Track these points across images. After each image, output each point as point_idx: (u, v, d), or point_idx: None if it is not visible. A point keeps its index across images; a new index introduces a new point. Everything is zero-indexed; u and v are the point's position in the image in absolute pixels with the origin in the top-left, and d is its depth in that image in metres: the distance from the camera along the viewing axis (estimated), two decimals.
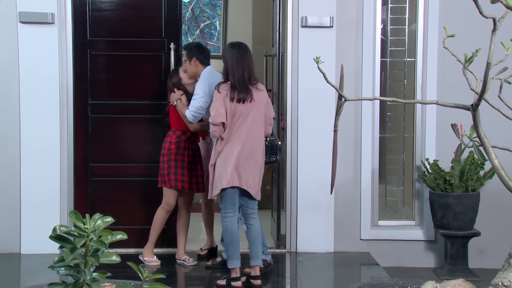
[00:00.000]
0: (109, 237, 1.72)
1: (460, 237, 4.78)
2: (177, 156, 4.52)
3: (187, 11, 7.41)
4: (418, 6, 5.10)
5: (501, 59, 2.07)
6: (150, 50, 5.03)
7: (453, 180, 4.71)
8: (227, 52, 4.11)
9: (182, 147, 4.54)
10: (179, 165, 4.51)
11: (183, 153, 4.53)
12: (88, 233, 1.68)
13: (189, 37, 7.47)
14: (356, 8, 5.07)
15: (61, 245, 1.68)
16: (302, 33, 4.96)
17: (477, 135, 2.06)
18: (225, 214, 4.09)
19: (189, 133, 4.56)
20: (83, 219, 1.71)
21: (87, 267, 1.67)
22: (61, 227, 1.65)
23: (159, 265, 4.64)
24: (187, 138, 4.56)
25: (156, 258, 4.66)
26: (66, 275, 1.68)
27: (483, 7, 1.88)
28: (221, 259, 4.53)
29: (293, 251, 5.06)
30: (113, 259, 1.74)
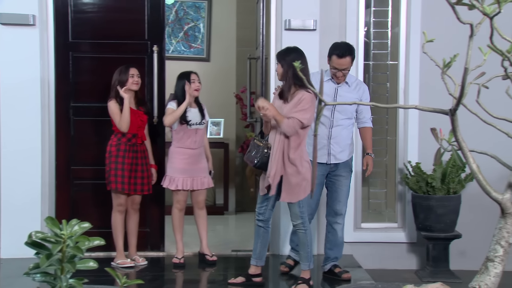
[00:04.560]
0: (86, 243, 1.70)
1: (442, 239, 4.81)
2: (117, 158, 4.55)
3: (170, 13, 7.38)
4: (400, 10, 5.13)
5: (479, 64, 2.09)
6: (133, 53, 5.00)
7: (435, 182, 4.74)
8: (303, 57, 4.00)
9: (123, 149, 4.56)
10: (119, 167, 4.53)
11: (123, 155, 4.55)
12: (64, 239, 1.66)
13: (173, 40, 7.44)
14: (339, 11, 5.09)
15: (37, 251, 1.66)
16: (286, 36, 4.96)
17: (456, 139, 2.07)
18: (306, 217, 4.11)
19: (130, 135, 4.57)
20: (60, 225, 1.69)
21: (63, 273, 1.65)
22: (37, 233, 1.63)
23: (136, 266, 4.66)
24: (127, 140, 4.57)
25: (130, 260, 4.65)
26: (42, 282, 1.67)
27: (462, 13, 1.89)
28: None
29: (275, 253, 5.06)
30: (90, 265, 1.72)
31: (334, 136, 4.30)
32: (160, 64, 5.03)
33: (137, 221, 4.75)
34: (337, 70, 4.23)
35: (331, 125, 4.30)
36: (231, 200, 7.17)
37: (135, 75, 4.60)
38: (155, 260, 4.90)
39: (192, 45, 7.50)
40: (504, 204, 1.99)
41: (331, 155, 4.31)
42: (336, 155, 4.32)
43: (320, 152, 4.24)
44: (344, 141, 4.34)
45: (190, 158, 4.68)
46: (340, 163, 4.35)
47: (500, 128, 2.05)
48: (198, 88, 4.71)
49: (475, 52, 2.04)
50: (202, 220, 4.82)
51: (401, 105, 2.67)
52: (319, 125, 4.23)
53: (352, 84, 4.35)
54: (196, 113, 4.72)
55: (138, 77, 4.62)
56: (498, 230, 2.00)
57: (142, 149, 4.68)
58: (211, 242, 5.03)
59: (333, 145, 4.31)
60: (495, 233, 2.01)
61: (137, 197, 4.70)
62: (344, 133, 4.34)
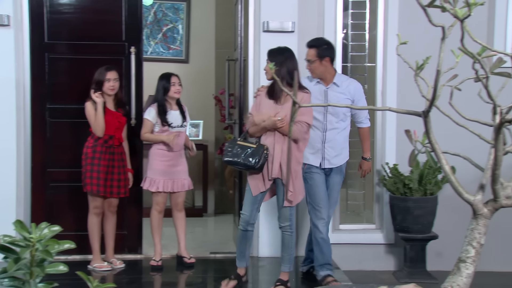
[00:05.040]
0: (56, 246, 1.68)
1: (419, 240, 4.85)
2: (93, 160, 4.51)
3: (149, 14, 7.34)
4: (378, 13, 5.16)
5: (452, 67, 2.10)
6: (110, 54, 4.96)
7: (412, 184, 4.77)
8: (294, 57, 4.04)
9: (99, 151, 4.52)
10: (95, 169, 4.50)
11: (99, 156, 4.52)
12: (33, 243, 1.64)
13: (151, 41, 7.40)
14: (318, 14, 5.10)
15: (5, 255, 1.63)
16: (264, 38, 4.96)
17: (429, 141, 2.08)
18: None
19: (107, 136, 4.54)
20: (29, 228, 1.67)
21: (32, 278, 1.63)
22: (5, 237, 1.60)
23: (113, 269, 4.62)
24: (104, 142, 4.54)
25: (106, 264, 4.62)
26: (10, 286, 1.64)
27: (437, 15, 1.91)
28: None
29: (255, 255, 5.04)
30: (60, 269, 1.70)
31: (329, 140, 4.23)
32: (138, 65, 4.99)
33: (115, 224, 4.72)
34: (306, 61, 4.26)
35: (325, 128, 4.23)
36: (210, 202, 7.15)
37: (111, 79, 4.54)
38: (132, 262, 4.87)
39: (171, 47, 7.47)
40: (476, 205, 2.01)
41: (325, 160, 4.24)
42: (331, 160, 4.25)
43: (314, 156, 4.22)
44: (339, 145, 4.27)
45: (171, 160, 4.66)
46: (334, 168, 4.28)
47: (472, 130, 2.07)
48: (178, 91, 4.69)
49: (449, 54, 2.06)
50: (180, 222, 4.80)
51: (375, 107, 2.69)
52: (313, 129, 4.16)
53: (341, 84, 4.26)
54: (177, 115, 4.70)
55: (115, 82, 4.56)
56: (470, 231, 2.01)
57: (119, 151, 4.63)
58: (189, 245, 5.00)
59: (328, 149, 4.23)
60: (467, 234, 2.03)
61: (114, 200, 4.66)
62: (339, 137, 4.27)
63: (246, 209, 4.05)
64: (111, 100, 4.60)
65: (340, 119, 4.25)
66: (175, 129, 4.64)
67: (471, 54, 1.88)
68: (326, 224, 4.23)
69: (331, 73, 4.26)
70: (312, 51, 4.21)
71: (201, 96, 7.20)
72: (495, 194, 1.99)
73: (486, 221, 2.01)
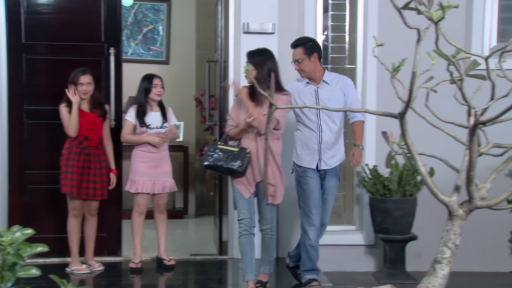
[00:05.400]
0: (28, 250, 1.65)
1: (399, 241, 4.87)
2: (68, 161, 4.49)
3: (129, 15, 7.29)
4: (357, 14, 5.18)
5: (428, 69, 2.11)
6: (89, 55, 4.92)
7: (391, 185, 4.79)
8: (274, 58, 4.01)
9: (74, 151, 4.49)
10: (69, 170, 4.47)
11: (74, 157, 4.49)
12: (5, 246, 1.61)
13: (132, 42, 7.36)
14: (298, 15, 5.11)
15: None
16: (244, 39, 4.95)
17: (405, 142, 2.09)
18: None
19: (82, 137, 4.51)
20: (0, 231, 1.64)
21: (3, 282, 1.60)
22: None
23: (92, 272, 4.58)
24: (78, 143, 4.51)
25: (85, 266, 4.58)
26: None
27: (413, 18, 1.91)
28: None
29: (235, 257, 5.03)
30: (32, 272, 1.67)
31: (325, 141, 4.15)
32: (117, 66, 4.96)
33: (95, 226, 4.67)
34: (294, 63, 4.21)
35: (320, 129, 4.15)
36: (190, 204, 7.13)
37: (84, 84, 4.51)
38: (111, 265, 4.83)
39: (151, 48, 7.43)
40: (451, 206, 2.02)
41: (322, 161, 4.16)
42: (327, 161, 4.17)
43: (310, 157, 4.16)
44: (335, 145, 4.21)
45: (152, 161, 4.64)
46: (329, 170, 4.19)
47: (447, 131, 2.08)
48: (159, 93, 4.67)
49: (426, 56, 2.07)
50: (161, 224, 4.78)
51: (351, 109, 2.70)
52: (308, 130, 4.14)
53: (332, 82, 4.20)
54: (158, 117, 4.68)
55: (88, 86, 4.52)
56: (446, 232, 2.02)
57: (96, 153, 4.59)
58: (170, 247, 4.99)
59: (324, 150, 4.16)
60: (443, 235, 2.04)
61: (93, 203, 4.61)
62: (335, 137, 4.20)
63: (245, 213, 3.95)
64: (85, 102, 4.57)
65: (335, 118, 4.18)
66: (153, 131, 4.62)
67: (446, 56, 1.89)
68: (316, 230, 4.18)
69: (320, 71, 4.20)
70: (299, 50, 4.16)
71: (182, 98, 7.16)
72: (470, 195, 2.00)
73: (462, 222, 2.02)
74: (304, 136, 4.21)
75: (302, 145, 4.21)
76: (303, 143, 4.20)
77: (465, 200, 2.03)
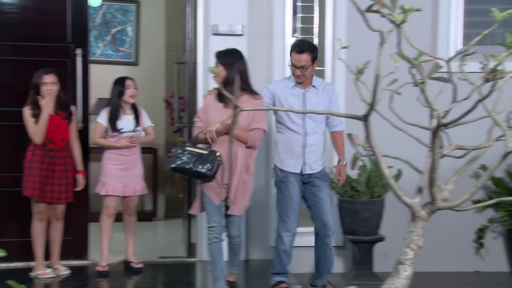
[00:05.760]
0: None
1: (366, 242, 4.91)
2: (31, 163, 4.41)
3: (97, 16, 7.21)
4: (326, 17, 5.21)
5: (392, 71, 2.13)
6: (55, 56, 4.83)
7: (359, 186, 4.82)
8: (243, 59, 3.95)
9: (38, 154, 4.42)
10: (32, 172, 4.39)
11: (37, 160, 4.41)
12: None
13: (100, 43, 7.27)
14: (267, 17, 5.12)
15: None
16: (213, 41, 4.94)
17: (369, 144, 2.10)
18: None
19: (47, 140, 4.43)
20: None
21: None
22: None
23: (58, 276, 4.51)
24: (43, 145, 4.43)
25: (50, 270, 4.50)
26: None
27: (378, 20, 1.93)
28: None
29: (204, 260, 5.01)
30: None
31: (310, 144, 4.07)
32: (84, 68, 4.90)
33: (60, 230, 4.59)
34: (295, 68, 4.02)
35: (306, 133, 4.08)
36: (160, 206, 7.08)
37: (48, 83, 4.42)
38: (78, 269, 4.76)
39: (120, 49, 7.35)
40: (414, 208, 2.04)
41: (306, 165, 4.09)
42: (312, 165, 4.10)
43: (294, 161, 4.09)
44: (319, 149, 4.15)
45: (123, 164, 4.60)
46: (316, 173, 4.13)
47: (411, 133, 2.10)
48: (133, 94, 4.63)
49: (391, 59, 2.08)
50: (130, 227, 4.74)
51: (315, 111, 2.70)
52: (293, 133, 4.06)
53: (319, 87, 4.13)
54: (130, 120, 4.64)
55: (52, 85, 4.43)
56: (408, 233, 2.04)
57: (61, 156, 4.50)
58: (138, 249, 4.94)
59: (309, 154, 4.08)
60: (406, 237, 2.06)
61: (59, 206, 4.53)
62: (320, 141, 4.15)
63: (216, 220, 3.86)
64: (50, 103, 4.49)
65: (320, 123, 4.13)
66: (125, 134, 4.58)
67: (408, 59, 1.91)
68: (292, 236, 4.14)
69: (311, 75, 4.13)
70: (307, 56, 3.98)
71: (151, 99, 7.10)
72: (432, 196, 2.02)
73: (424, 223, 2.05)
74: (287, 139, 4.11)
75: (285, 148, 4.11)
76: (286, 146, 4.11)
77: (428, 201, 2.05)
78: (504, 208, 5.11)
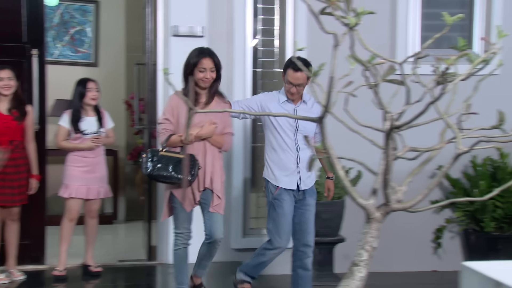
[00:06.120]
0: None
1: (327, 244, 4.93)
2: None
3: (54, 16, 7.07)
4: (287, 19, 5.23)
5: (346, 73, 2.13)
6: (9, 56, 4.73)
7: (320, 188, 4.84)
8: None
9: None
10: None
11: None
12: None
13: (58, 43, 7.14)
14: (227, 19, 5.11)
15: None
16: (173, 42, 4.91)
17: (324, 146, 2.11)
18: None
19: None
20: None
21: None
22: None
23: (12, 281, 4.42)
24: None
25: (4, 276, 4.41)
26: None
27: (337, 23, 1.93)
28: None
29: (164, 262, 4.97)
30: None
31: (303, 160, 3.93)
32: (41, 68, 4.81)
33: (16, 232, 4.48)
34: (291, 86, 3.92)
35: (298, 148, 3.94)
36: (120, 209, 7.00)
37: (5, 78, 4.33)
38: (34, 274, 4.67)
39: (79, 50, 7.23)
40: (369, 209, 2.05)
41: (301, 181, 3.97)
42: (305, 181, 4.00)
43: (289, 178, 3.96)
44: None
45: (86, 166, 4.54)
46: (308, 190, 4.04)
47: (365, 135, 2.11)
48: (94, 97, 4.57)
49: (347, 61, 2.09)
50: (91, 230, 4.69)
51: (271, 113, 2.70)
52: (286, 150, 3.93)
53: (309, 102, 4.03)
54: (93, 121, 4.59)
55: (9, 80, 4.34)
56: (363, 235, 2.05)
57: (12, 157, 4.38)
58: (98, 253, 4.88)
59: (302, 170, 3.94)
60: (360, 238, 2.07)
61: (14, 209, 4.43)
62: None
63: (186, 226, 3.78)
64: (6, 101, 4.37)
65: (310, 136, 3.99)
66: (88, 136, 4.53)
67: (361, 61, 1.92)
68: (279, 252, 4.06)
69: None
70: (302, 74, 3.86)
71: (111, 101, 7.00)
72: (386, 198, 2.04)
73: (379, 225, 2.06)
74: (280, 160, 3.97)
75: (280, 166, 3.98)
76: (280, 163, 3.97)
77: (382, 203, 2.06)
78: (461, 209, 5.21)
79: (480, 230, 5.15)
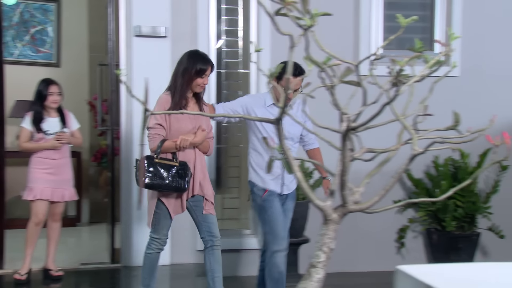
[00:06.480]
0: None
1: (292, 244, 4.89)
2: None
3: (14, 14, 6.92)
4: (250, 19, 5.22)
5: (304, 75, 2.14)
6: None
7: None
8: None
9: None
10: None
11: None
12: None
13: (18, 43, 7.00)
14: (191, 19, 5.07)
15: None
16: (136, 42, 4.87)
17: (281, 148, 2.10)
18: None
19: None
20: None
21: None
22: None
23: None
24: None
25: None
26: None
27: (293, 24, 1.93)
28: None
29: (128, 265, 4.91)
30: None
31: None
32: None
33: None
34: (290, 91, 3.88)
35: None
36: (84, 211, 6.90)
37: None
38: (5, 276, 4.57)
39: (40, 50, 7.10)
40: (326, 211, 2.05)
41: (284, 185, 3.98)
42: (289, 185, 4.02)
43: (275, 182, 3.95)
44: None
45: (51, 168, 4.47)
46: (289, 194, 4.06)
47: (322, 137, 2.11)
48: (55, 101, 4.51)
49: None
50: (54, 233, 4.62)
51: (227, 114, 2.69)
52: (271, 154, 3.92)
53: (294, 106, 3.97)
54: (56, 122, 4.53)
55: None
56: (321, 236, 2.05)
57: None
58: (60, 256, 4.81)
59: (286, 174, 3.94)
60: (318, 240, 2.06)
61: None
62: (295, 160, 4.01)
63: (165, 233, 3.74)
64: None
65: (295, 142, 4.01)
66: (51, 136, 4.46)
67: (317, 63, 1.91)
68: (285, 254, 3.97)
69: None
70: (299, 79, 3.74)
71: (74, 102, 6.90)
72: (343, 199, 2.04)
73: (336, 226, 2.06)
74: (265, 163, 3.92)
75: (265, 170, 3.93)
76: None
77: (340, 204, 2.06)
78: (423, 208, 5.27)
79: (442, 229, 5.22)
